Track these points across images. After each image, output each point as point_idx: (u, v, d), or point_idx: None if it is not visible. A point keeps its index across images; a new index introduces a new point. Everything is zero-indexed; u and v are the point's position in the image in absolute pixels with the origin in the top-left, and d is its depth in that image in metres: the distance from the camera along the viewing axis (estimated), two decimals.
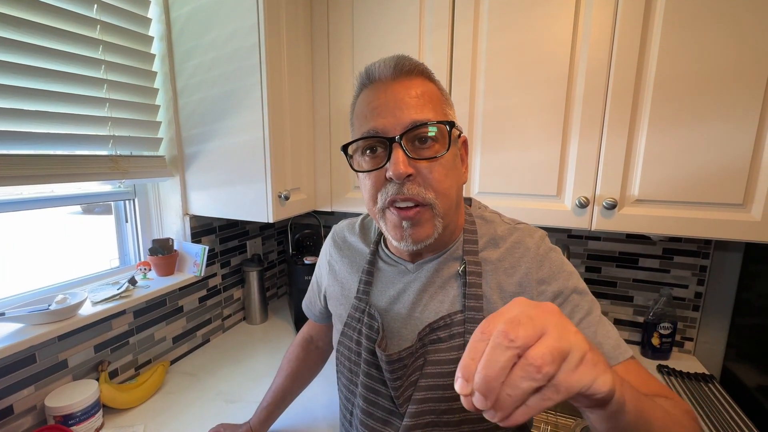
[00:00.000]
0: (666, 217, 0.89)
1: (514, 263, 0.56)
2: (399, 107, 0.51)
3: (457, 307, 0.56)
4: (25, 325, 0.78)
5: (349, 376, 0.63)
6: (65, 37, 0.85)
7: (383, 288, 0.62)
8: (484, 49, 0.98)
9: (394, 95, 0.51)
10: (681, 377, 1.05)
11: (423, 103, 0.51)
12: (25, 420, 0.79)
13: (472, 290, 0.55)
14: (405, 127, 0.50)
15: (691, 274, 1.15)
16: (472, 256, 0.57)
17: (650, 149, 0.88)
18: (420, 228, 0.52)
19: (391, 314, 0.60)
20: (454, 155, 0.54)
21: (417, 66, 0.53)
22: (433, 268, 0.59)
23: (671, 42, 0.83)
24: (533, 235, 0.59)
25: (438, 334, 0.55)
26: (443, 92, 0.56)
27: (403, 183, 0.51)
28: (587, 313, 0.52)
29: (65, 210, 1.02)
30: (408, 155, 0.50)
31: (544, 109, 0.94)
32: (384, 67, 0.53)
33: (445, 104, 0.55)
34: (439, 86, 0.55)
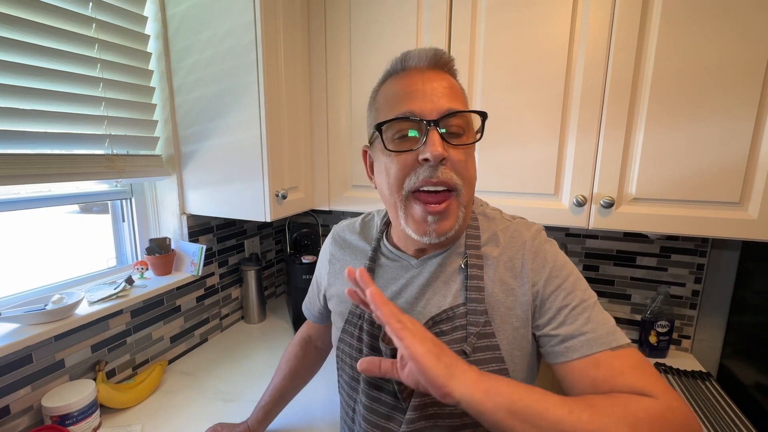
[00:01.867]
0: (663, 216, 0.89)
1: (511, 256, 0.57)
2: (436, 94, 0.52)
3: (460, 300, 0.56)
4: (21, 325, 0.78)
5: (350, 373, 0.63)
6: (60, 35, 0.84)
7: (385, 283, 0.63)
8: (481, 47, 0.97)
9: (430, 83, 0.53)
10: (678, 375, 1.05)
11: (455, 95, 0.54)
12: (22, 420, 0.79)
13: (474, 282, 0.56)
14: (442, 112, 0.51)
15: (689, 273, 1.16)
16: (474, 250, 0.58)
17: (647, 147, 0.88)
18: (445, 221, 0.54)
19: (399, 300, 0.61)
20: (475, 149, 0.57)
21: (451, 61, 0.57)
22: (437, 263, 0.59)
23: (668, 40, 0.83)
24: (530, 228, 0.60)
25: (441, 327, 0.55)
26: (464, 92, 0.59)
27: (437, 167, 0.52)
28: (581, 300, 0.53)
29: (63, 209, 1.02)
30: (444, 139, 0.52)
31: (542, 108, 0.94)
32: (423, 55, 0.55)
33: (467, 102, 0.58)
34: (461, 86, 0.58)
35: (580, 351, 0.50)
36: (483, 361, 0.53)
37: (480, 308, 0.54)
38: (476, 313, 0.54)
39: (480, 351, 0.53)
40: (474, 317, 0.54)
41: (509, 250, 0.58)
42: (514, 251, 0.57)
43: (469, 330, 0.54)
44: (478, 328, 0.54)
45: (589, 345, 0.50)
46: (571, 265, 0.57)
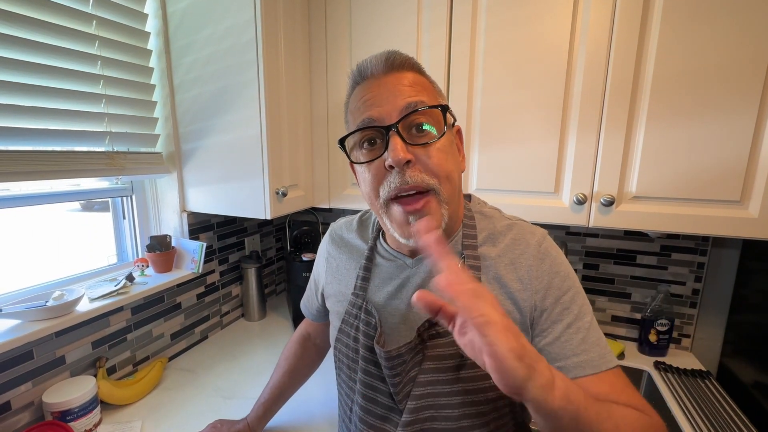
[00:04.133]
0: (664, 214, 0.89)
1: (514, 259, 0.56)
2: (393, 94, 0.51)
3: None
4: (22, 321, 0.78)
5: (348, 373, 0.63)
6: (61, 32, 0.84)
7: (381, 283, 0.62)
8: (482, 46, 0.97)
9: (387, 86, 0.52)
10: (678, 374, 1.05)
11: (417, 91, 0.52)
12: (23, 416, 0.80)
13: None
14: (400, 112, 0.50)
15: (689, 271, 1.16)
16: (471, 250, 0.57)
17: (648, 146, 0.88)
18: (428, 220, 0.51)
19: (389, 310, 0.60)
20: (450, 141, 0.54)
21: (408, 60, 0.54)
22: (428, 269, 0.58)
23: (669, 39, 0.83)
24: (534, 232, 0.58)
25: (437, 329, 0.55)
26: (435, 85, 0.56)
27: (404, 171, 0.50)
28: (576, 317, 0.53)
29: (64, 207, 1.02)
30: (406, 141, 0.50)
31: (542, 106, 0.94)
32: (375, 62, 0.54)
33: (437, 94, 0.56)
34: (430, 80, 0.56)
35: (573, 372, 0.50)
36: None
37: None
38: None
39: None
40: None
41: (512, 252, 0.57)
42: (518, 254, 0.56)
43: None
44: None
45: (581, 367, 0.50)
46: (573, 276, 0.56)
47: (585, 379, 0.50)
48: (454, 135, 0.57)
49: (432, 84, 0.56)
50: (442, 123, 0.53)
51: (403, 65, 0.54)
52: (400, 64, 0.54)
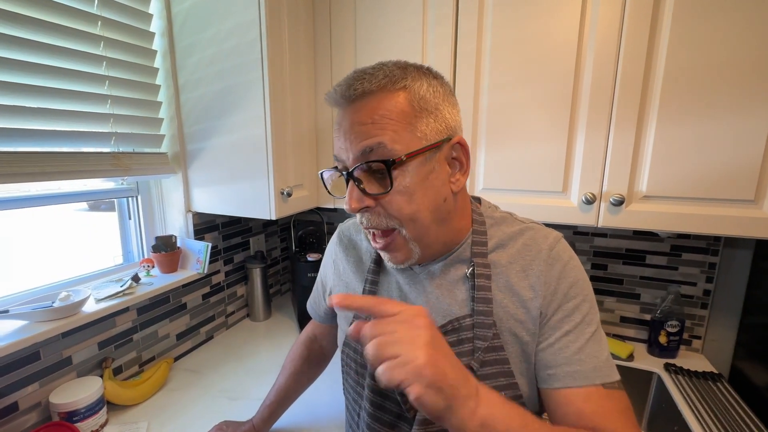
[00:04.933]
0: (674, 214, 0.87)
1: (525, 266, 0.54)
2: (353, 132, 0.48)
3: (466, 311, 0.54)
4: (29, 322, 0.78)
5: (355, 378, 0.61)
6: (67, 33, 0.84)
7: (389, 289, 0.61)
8: (488, 43, 0.96)
9: (349, 119, 0.48)
10: (689, 376, 1.03)
11: (379, 128, 0.47)
12: (30, 416, 0.80)
13: (481, 294, 0.53)
14: (356, 159, 0.48)
15: (700, 272, 1.13)
16: (480, 258, 0.55)
17: (659, 144, 0.86)
18: (397, 253, 0.53)
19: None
20: (422, 175, 0.48)
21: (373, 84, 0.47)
22: (439, 270, 0.57)
23: (681, 34, 0.81)
24: (548, 236, 0.55)
25: (446, 338, 0.52)
26: (418, 102, 0.48)
27: (364, 214, 0.50)
28: (577, 326, 0.50)
29: (72, 207, 1.03)
30: (362, 189, 0.48)
31: (550, 104, 0.93)
32: (338, 91, 0.49)
33: (416, 118, 0.48)
34: (411, 96, 0.48)
35: (561, 382, 0.49)
36: (491, 376, 0.51)
37: (488, 321, 0.52)
38: (484, 326, 0.51)
39: (488, 365, 0.51)
40: (482, 330, 0.51)
41: (523, 258, 0.54)
42: (529, 260, 0.54)
43: (476, 344, 0.51)
44: (487, 342, 0.51)
45: (571, 377, 0.49)
46: (584, 284, 0.53)
47: (571, 391, 0.48)
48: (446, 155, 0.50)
49: (412, 102, 0.48)
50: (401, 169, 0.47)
51: (365, 94, 0.48)
52: (362, 94, 0.48)
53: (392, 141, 0.47)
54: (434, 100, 0.49)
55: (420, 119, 0.48)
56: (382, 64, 0.49)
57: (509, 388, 0.50)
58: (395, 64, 0.50)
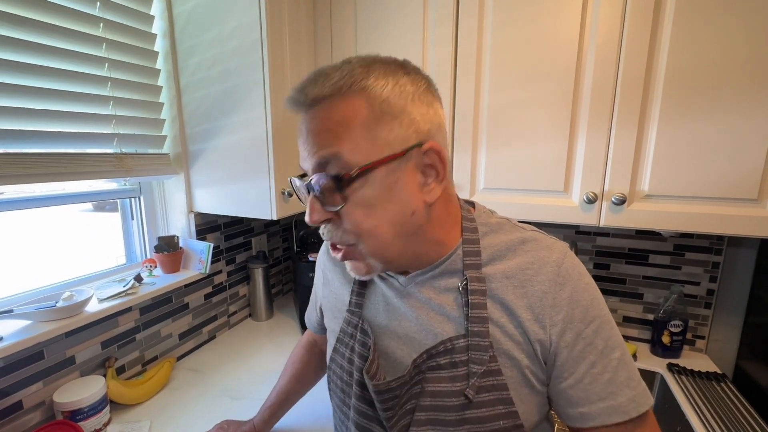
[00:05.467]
0: (677, 213, 0.86)
1: (525, 281, 0.48)
2: (309, 142, 0.44)
3: (460, 330, 0.48)
4: (32, 321, 0.79)
5: (341, 397, 0.56)
6: (69, 35, 0.85)
7: (376, 302, 0.56)
8: (489, 42, 0.96)
9: (306, 126, 0.45)
10: (692, 376, 1.03)
11: (333, 137, 0.42)
12: (34, 415, 0.81)
13: (476, 312, 0.47)
14: (314, 169, 0.45)
15: (703, 271, 1.13)
16: (473, 270, 0.49)
17: (661, 143, 0.85)
18: (356, 264, 0.49)
19: (385, 332, 0.53)
20: (392, 182, 0.43)
21: (326, 88, 0.42)
22: (426, 283, 0.51)
23: (683, 33, 0.81)
24: (552, 248, 0.49)
25: (438, 361, 0.48)
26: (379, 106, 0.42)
27: (324, 227, 0.47)
28: (602, 353, 0.45)
29: (77, 208, 1.04)
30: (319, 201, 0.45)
31: (551, 103, 0.92)
32: (292, 96, 0.45)
33: (377, 124, 0.42)
34: (372, 99, 0.42)
35: (598, 420, 0.45)
36: (488, 404, 0.46)
37: (484, 342, 0.46)
38: (480, 349, 0.46)
39: (485, 391, 0.46)
40: (477, 353, 0.46)
41: (523, 273, 0.48)
42: (530, 276, 0.48)
43: (471, 369, 0.46)
44: (483, 367, 0.46)
45: (608, 414, 0.45)
46: (598, 301, 0.47)
47: (611, 428, 0.45)
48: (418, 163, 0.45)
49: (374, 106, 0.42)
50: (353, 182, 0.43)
51: (321, 99, 0.43)
52: (315, 99, 0.43)
53: (350, 151, 0.42)
54: (399, 102, 0.43)
55: (382, 125, 0.42)
56: (345, 62, 0.45)
57: (507, 417, 0.46)
58: (360, 61, 0.44)
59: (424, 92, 0.46)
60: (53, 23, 0.82)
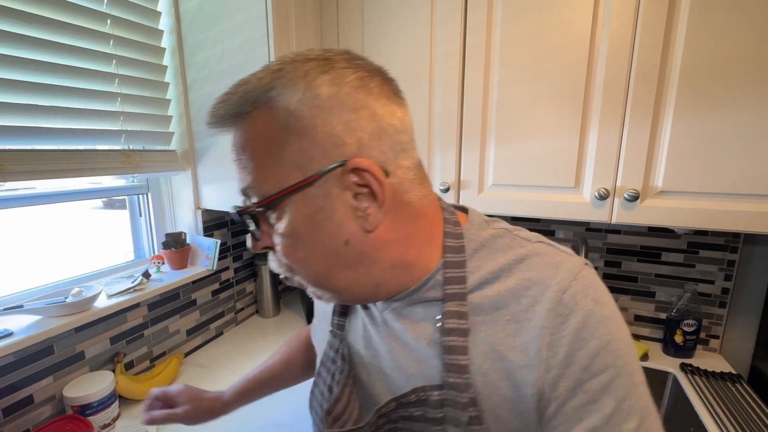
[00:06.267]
0: (692, 209, 0.84)
1: (519, 314, 0.37)
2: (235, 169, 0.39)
3: (435, 380, 0.39)
4: (42, 317, 0.79)
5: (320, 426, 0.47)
6: (77, 32, 0.85)
7: (357, 326, 0.48)
8: (498, 36, 0.94)
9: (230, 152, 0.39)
10: (706, 376, 1.01)
11: (244, 166, 0.37)
12: (45, 409, 0.81)
13: (454, 359, 0.37)
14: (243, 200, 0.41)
15: (718, 269, 1.10)
16: (455, 302, 0.38)
17: (675, 138, 0.83)
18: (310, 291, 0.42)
19: (363, 362, 0.46)
20: (313, 210, 0.35)
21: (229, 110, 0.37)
22: (404, 310, 0.42)
23: (699, 24, 0.78)
24: (560, 265, 0.37)
25: (410, 411, 0.40)
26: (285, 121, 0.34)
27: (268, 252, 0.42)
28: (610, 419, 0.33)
29: (87, 205, 1.04)
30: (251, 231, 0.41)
31: (562, 98, 0.90)
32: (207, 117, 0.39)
33: (283, 144, 0.35)
34: (275, 115, 0.35)
35: None
36: None
37: (462, 399, 0.36)
38: (457, 407, 0.37)
39: None
40: (454, 412, 0.37)
41: (517, 302, 0.37)
42: (525, 307, 0.36)
43: (446, 429, 0.38)
44: (460, 429, 0.37)
45: None
46: (618, 344, 0.34)
47: None
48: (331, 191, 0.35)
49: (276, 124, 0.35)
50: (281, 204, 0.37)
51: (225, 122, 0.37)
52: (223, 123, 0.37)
53: (258, 181, 0.36)
54: (311, 112, 0.34)
55: (289, 145, 0.34)
56: (263, 67, 0.37)
57: None
58: (276, 65, 0.36)
59: (350, 93, 0.35)
60: (62, 20, 0.82)
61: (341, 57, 0.37)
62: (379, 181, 0.35)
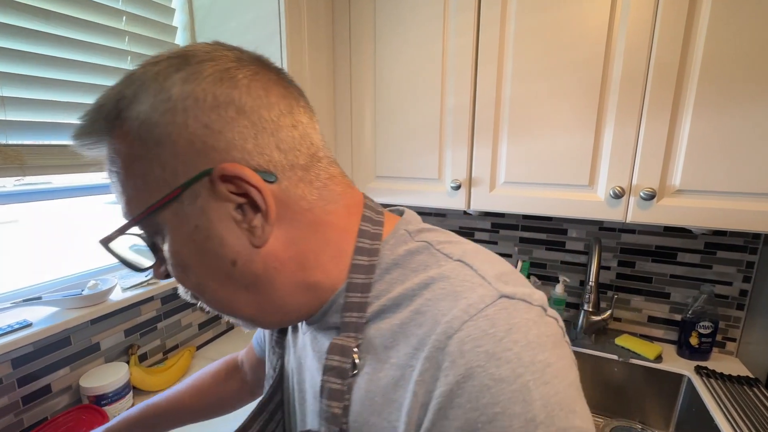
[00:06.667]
0: (710, 209, 0.82)
1: (404, 359, 0.29)
2: None
3: (315, 425, 0.34)
4: (60, 309, 0.81)
5: None
6: (93, 28, 0.86)
7: (289, 345, 0.43)
8: (512, 30, 0.93)
9: None
10: (722, 380, 0.98)
11: (115, 188, 0.33)
12: (62, 398, 0.83)
13: (327, 405, 0.31)
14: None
15: (737, 271, 1.07)
16: (346, 333, 0.32)
17: (695, 135, 0.81)
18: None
19: (293, 382, 0.42)
20: (189, 230, 0.30)
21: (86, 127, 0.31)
22: (315, 336, 0.37)
23: (722, 16, 0.76)
24: (461, 297, 0.29)
25: None
26: (137, 133, 0.29)
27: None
28: None
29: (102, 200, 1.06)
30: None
31: (577, 93, 0.89)
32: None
33: (142, 160, 0.30)
34: (128, 128, 0.30)
35: None
36: None
37: None
38: None
39: None
40: None
41: (405, 341, 0.30)
42: (411, 348, 0.29)
43: None
44: None
45: None
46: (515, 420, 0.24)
47: None
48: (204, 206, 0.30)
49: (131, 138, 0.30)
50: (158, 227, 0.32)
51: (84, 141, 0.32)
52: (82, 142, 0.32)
53: (128, 203, 0.32)
54: (164, 119, 0.29)
55: (148, 159, 0.30)
56: (126, 74, 0.31)
57: None
58: (136, 71, 0.31)
59: (209, 88, 0.29)
60: (78, 17, 0.83)
61: (201, 50, 0.31)
62: (256, 187, 0.29)
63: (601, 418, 1.13)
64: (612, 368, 1.11)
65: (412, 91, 1.05)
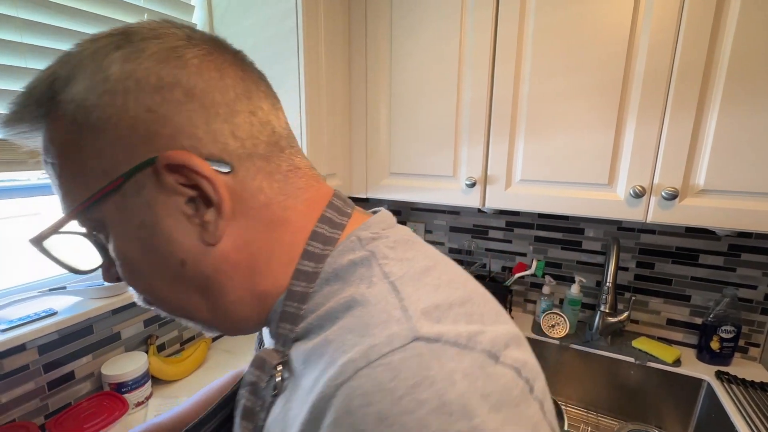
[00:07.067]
0: (736, 210, 0.80)
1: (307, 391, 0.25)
2: None
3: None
4: (83, 298, 0.84)
5: None
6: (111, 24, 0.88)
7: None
8: (531, 26, 0.91)
9: None
10: (744, 386, 0.96)
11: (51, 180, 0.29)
12: (85, 385, 0.86)
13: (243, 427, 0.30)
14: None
15: (762, 274, 1.04)
16: (273, 348, 0.30)
17: (721, 134, 0.79)
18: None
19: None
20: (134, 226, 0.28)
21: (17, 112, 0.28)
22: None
23: (752, 11, 0.73)
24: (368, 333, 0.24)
25: None
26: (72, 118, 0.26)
27: None
28: None
29: None
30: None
31: (597, 91, 0.87)
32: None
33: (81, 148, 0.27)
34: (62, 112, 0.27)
35: None
36: None
37: None
38: None
39: None
40: None
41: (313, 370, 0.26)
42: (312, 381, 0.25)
43: None
44: None
45: None
46: None
47: None
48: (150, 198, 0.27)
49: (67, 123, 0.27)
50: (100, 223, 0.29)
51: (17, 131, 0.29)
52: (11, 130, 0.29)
53: (66, 196, 0.29)
54: (101, 100, 0.26)
55: (85, 147, 0.26)
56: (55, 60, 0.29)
57: None
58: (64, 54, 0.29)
59: (152, 67, 0.26)
60: (99, 13, 0.85)
61: (146, 27, 0.28)
62: (207, 178, 0.26)
63: (616, 421, 1.11)
64: (628, 371, 1.09)
65: (427, 88, 1.04)
